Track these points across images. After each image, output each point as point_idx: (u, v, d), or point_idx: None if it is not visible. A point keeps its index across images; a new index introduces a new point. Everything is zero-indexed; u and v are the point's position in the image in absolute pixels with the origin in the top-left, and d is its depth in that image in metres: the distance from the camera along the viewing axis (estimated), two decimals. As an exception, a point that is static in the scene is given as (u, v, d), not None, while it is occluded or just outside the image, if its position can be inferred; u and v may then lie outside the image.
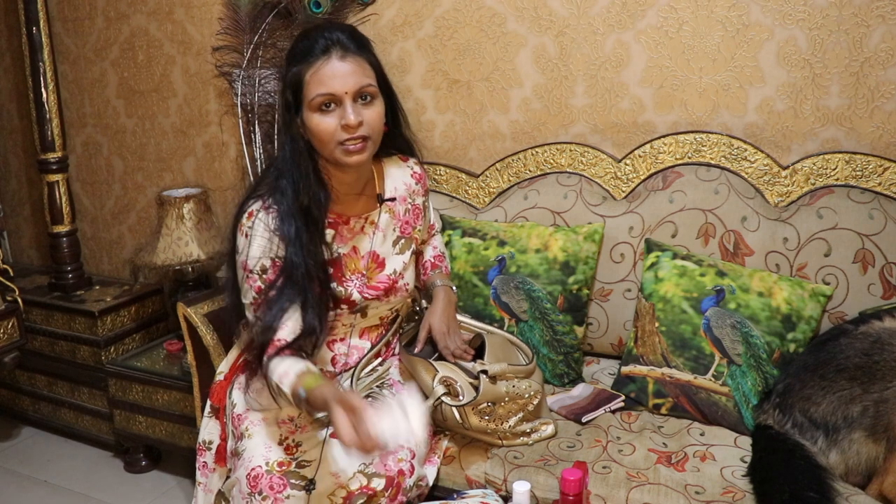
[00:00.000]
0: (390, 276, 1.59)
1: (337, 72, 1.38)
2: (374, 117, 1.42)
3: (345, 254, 1.56)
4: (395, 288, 1.60)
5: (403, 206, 1.63)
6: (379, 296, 1.59)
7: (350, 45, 1.41)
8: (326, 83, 1.38)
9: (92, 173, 2.92)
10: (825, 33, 1.79)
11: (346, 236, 1.56)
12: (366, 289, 1.57)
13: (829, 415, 1.43)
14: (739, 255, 1.81)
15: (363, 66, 1.42)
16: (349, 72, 1.39)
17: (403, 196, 1.63)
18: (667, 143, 1.95)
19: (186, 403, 2.21)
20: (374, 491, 1.35)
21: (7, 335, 2.26)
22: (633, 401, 1.71)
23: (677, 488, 1.40)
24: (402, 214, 1.62)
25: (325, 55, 1.39)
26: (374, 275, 1.58)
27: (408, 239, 1.63)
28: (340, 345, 1.61)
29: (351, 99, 1.39)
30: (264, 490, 1.34)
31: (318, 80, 1.39)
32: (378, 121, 1.44)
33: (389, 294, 1.60)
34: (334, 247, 1.53)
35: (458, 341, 1.62)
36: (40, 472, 2.48)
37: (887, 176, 1.75)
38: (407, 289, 1.63)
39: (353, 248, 1.57)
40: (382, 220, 1.58)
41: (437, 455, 1.58)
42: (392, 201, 1.59)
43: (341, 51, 1.40)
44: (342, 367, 1.61)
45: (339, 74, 1.38)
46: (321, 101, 1.39)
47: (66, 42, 2.80)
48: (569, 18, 2.02)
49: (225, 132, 2.53)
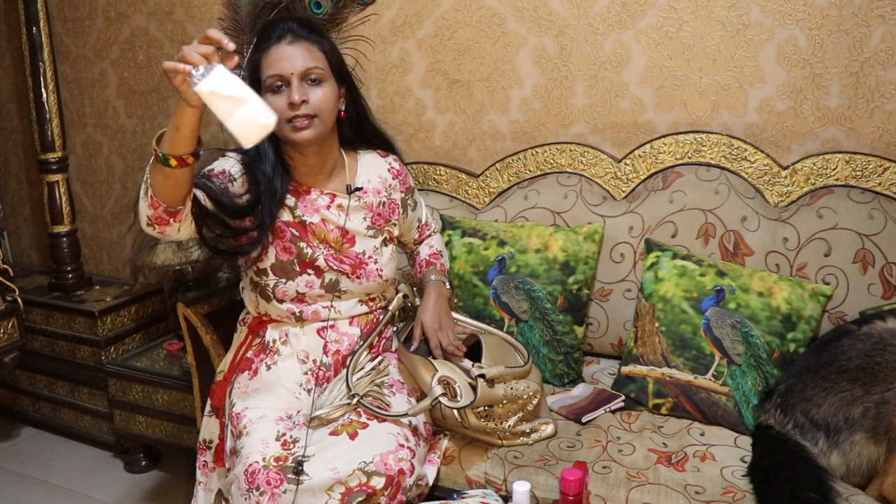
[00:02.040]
0: (359, 255, 1.62)
1: (284, 54, 1.50)
2: (321, 97, 1.51)
3: (313, 222, 1.60)
4: (363, 267, 1.62)
5: (377, 198, 1.67)
6: (345, 270, 1.61)
7: (301, 32, 1.53)
8: (275, 65, 1.50)
9: (92, 173, 2.92)
10: (825, 33, 1.79)
11: (309, 207, 1.60)
12: (332, 259, 1.60)
13: (831, 416, 1.43)
14: (739, 255, 1.81)
15: (311, 50, 1.52)
16: (296, 54, 1.50)
17: (378, 189, 1.67)
18: (667, 143, 1.95)
19: (186, 403, 2.21)
20: (373, 489, 1.35)
21: (7, 335, 2.26)
22: (633, 401, 1.71)
23: (677, 488, 1.40)
24: (375, 206, 1.66)
25: (276, 41, 1.52)
26: (344, 248, 1.61)
27: (378, 230, 1.66)
28: (331, 332, 1.62)
29: (298, 79, 1.49)
30: (262, 485, 1.35)
31: (268, 63, 1.51)
32: (325, 101, 1.52)
33: (357, 271, 1.62)
34: (298, 211, 1.60)
35: (451, 336, 1.63)
36: (40, 472, 2.48)
37: (887, 176, 1.75)
38: (380, 274, 1.64)
39: (321, 219, 1.61)
40: (352, 208, 1.63)
41: (437, 455, 1.58)
42: (360, 191, 1.63)
43: (291, 36, 1.52)
44: (334, 354, 1.62)
45: (286, 57, 1.50)
46: (272, 83, 1.50)
47: (66, 42, 2.80)
48: (569, 18, 2.02)
49: (225, 132, 2.52)
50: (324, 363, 1.61)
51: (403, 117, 2.28)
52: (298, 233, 1.59)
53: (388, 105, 2.29)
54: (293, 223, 1.60)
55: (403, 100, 2.27)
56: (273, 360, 1.61)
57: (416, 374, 1.57)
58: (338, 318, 1.63)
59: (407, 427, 1.49)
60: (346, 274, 1.61)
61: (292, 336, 1.62)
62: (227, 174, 1.56)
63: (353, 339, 1.64)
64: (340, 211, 1.62)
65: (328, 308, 1.62)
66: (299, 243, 1.59)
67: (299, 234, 1.59)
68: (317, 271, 1.59)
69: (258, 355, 1.63)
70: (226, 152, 1.64)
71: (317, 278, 1.60)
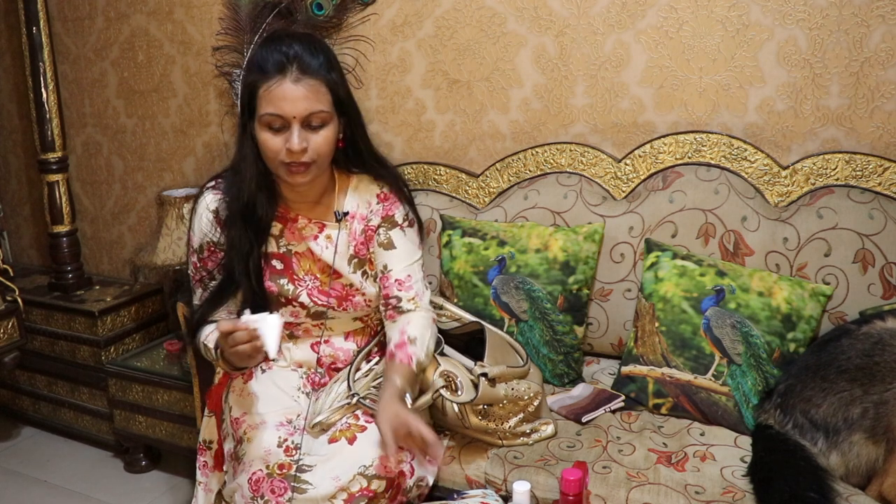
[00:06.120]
0: (345, 287, 1.57)
1: (288, 95, 1.37)
2: (321, 143, 1.42)
3: (299, 252, 1.55)
4: (350, 299, 1.58)
5: (361, 224, 1.58)
6: (330, 304, 1.56)
7: (309, 65, 1.39)
8: (276, 104, 1.37)
9: (92, 173, 2.92)
10: (825, 33, 1.79)
11: (296, 235, 1.55)
12: (316, 293, 1.55)
13: (830, 416, 1.43)
14: (739, 255, 1.81)
15: (317, 89, 1.40)
16: (301, 96, 1.37)
17: (363, 214, 1.58)
18: (667, 143, 1.95)
19: (186, 403, 2.21)
20: (374, 493, 1.35)
21: (7, 335, 2.26)
22: (633, 401, 1.71)
23: (677, 488, 1.40)
24: (357, 233, 1.57)
25: (279, 74, 1.38)
26: (329, 281, 1.57)
27: (361, 259, 1.58)
28: (325, 346, 1.61)
29: (299, 124, 1.38)
30: (266, 494, 1.34)
31: (268, 99, 1.38)
32: (325, 146, 1.43)
33: (343, 303, 1.58)
34: (282, 241, 1.55)
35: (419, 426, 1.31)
36: (40, 472, 2.48)
37: (887, 176, 1.75)
38: (368, 304, 1.60)
39: (308, 249, 1.55)
40: (341, 238, 1.55)
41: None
42: (346, 216, 1.56)
43: (297, 72, 1.38)
44: (329, 367, 1.61)
45: (289, 98, 1.37)
46: (270, 121, 1.39)
47: (66, 42, 2.80)
48: (569, 18, 2.02)
49: (225, 132, 2.53)
50: (319, 371, 1.61)
51: (403, 117, 2.28)
52: (282, 266, 1.54)
53: (388, 105, 2.29)
54: (277, 254, 1.54)
55: (403, 100, 2.27)
56: (268, 365, 1.60)
57: None
58: (331, 334, 1.62)
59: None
60: (332, 307, 1.58)
61: (285, 350, 1.61)
62: (211, 245, 1.54)
63: (348, 354, 1.63)
64: (329, 243, 1.56)
65: (320, 326, 1.61)
66: (279, 280, 1.55)
67: (283, 269, 1.54)
68: (301, 305, 1.57)
69: None
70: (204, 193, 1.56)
71: (302, 310, 1.57)
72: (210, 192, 1.54)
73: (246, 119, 1.45)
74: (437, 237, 2.09)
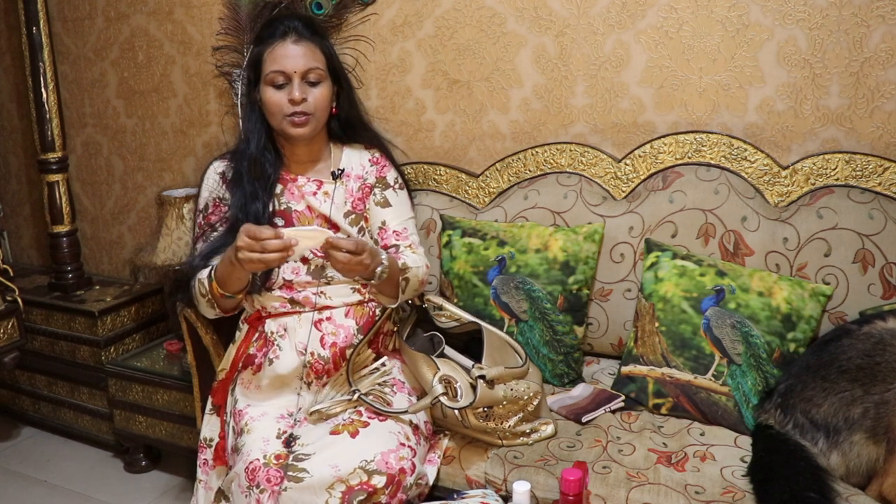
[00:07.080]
0: None
1: (289, 52, 1.59)
2: (318, 97, 1.62)
3: (298, 210, 1.67)
4: None
5: (357, 182, 1.73)
6: None
7: (304, 32, 1.62)
8: (279, 61, 1.59)
9: (92, 173, 2.92)
10: (825, 33, 1.79)
11: (296, 194, 1.67)
12: None
13: (830, 416, 1.43)
14: (739, 255, 1.81)
15: (314, 51, 1.62)
16: (300, 54, 1.60)
17: (359, 174, 1.74)
18: (667, 143, 1.95)
19: (186, 403, 2.21)
20: (374, 488, 1.36)
21: (7, 335, 2.26)
22: (633, 401, 1.71)
23: (677, 488, 1.40)
24: (354, 191, 1.72)
25: (281, 38, 1.61)
26: None
27: (358, 214, 1.71)
28: (328, 324, 1.62)
29: (299, 78, 1.59)
30: (262, 483, 1.36)
31: (272, 59, 1.60)
32: (322, 100, 1.62)
33: None
34: (283, 199, 1.67)
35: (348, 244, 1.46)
36: (40, 472, 2.48)
37: (887, 176, 1.75)
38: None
39: (307, 206, 1.67)
40: (337, 194, 1.68)
41: (437, 454, 1.58)
42: (342, 172, 1.69)
43: (296, 35, 1.61)
44: (331, 346, 1.61)
45: (290, 55, 1.59)
46: (274, 78, 1.59)
47: (66, 42, 2.80)
48: (569, 18, 2.02)
49: (225, 132, 2.53)
50: (321, 356, 1.61)
51: (403, 117, 2.28)
52: (283, 223, 1.64)
53: (388, 105, 2.29)
54: (278, 212, 1.65)
55: (403, 100, 2.27)
56: (275, 354, 1.61)
57: (417, 372, 1.57)
58: (330, 305, 1.63)
59: (408, 425, 1.50)
60: None
61: (290, 329, 1.62)
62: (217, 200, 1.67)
63: (349, 332, 1.63)
64: (326, 198, 1.66)
65: (318, 294, 1.62)
66: None
67: (284, 225, 1.63)
68: (302, 259, 1.63)
69: (261, 349, 1.64)
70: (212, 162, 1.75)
71: (303, 265, 1.62)
72: (217, 161, 1.74)
73: (251, 89, 1.66)
74: (437, 237, 2.09)
